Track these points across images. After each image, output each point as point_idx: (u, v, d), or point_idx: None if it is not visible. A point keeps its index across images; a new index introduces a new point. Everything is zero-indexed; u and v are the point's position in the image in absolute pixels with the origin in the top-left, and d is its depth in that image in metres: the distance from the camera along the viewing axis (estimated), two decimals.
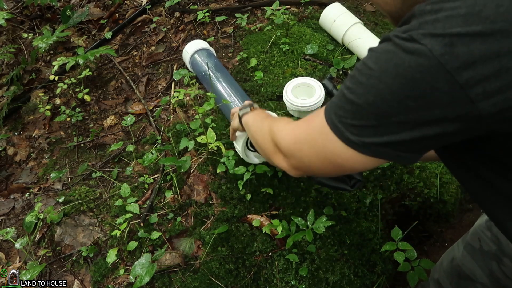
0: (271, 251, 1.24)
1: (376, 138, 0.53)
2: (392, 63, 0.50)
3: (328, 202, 1.31)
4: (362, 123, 0.54)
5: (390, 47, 0.51)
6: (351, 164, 0.59)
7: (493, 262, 0.93)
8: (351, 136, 0.55)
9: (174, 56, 1.85)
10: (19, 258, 1.37)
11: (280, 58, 1.66)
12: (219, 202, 1.33)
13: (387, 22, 1.94)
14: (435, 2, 0.50)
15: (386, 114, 0.51)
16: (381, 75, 0.51)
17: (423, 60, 0.47)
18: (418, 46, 0.47)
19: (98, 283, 1.23)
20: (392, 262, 1.28)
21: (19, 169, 1.65)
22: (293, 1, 1.92)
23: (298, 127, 0.69)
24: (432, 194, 1.38)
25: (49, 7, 2.14)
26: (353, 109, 0.54)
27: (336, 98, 0.59)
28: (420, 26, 0.49)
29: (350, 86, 0.55)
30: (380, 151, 0.55)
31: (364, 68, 0.54)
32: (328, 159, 0.61)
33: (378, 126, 0.52)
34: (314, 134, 0.62)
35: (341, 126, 0.56)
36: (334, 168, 0.62)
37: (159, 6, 2.08)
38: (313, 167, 0.66)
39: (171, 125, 1.57)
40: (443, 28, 0.46)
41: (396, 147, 0.54)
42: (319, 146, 0.61)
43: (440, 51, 0.46)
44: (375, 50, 0.54)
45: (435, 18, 0.48)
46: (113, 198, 1.39)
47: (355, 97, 0.54)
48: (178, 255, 1.22)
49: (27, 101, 1.83)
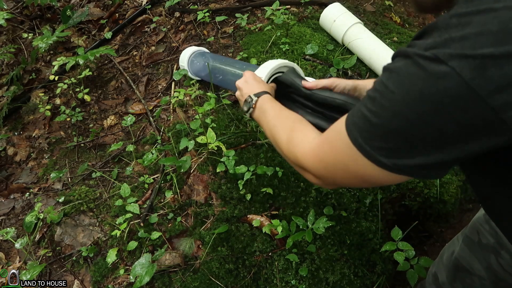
0: (271, 251, 1.24)
1: (409, 160, 0.51)
2: (416, 87, 0.46)
3: (328, 202, 1.31)
4: (392, 146, 0.52)
5: (412, 69, 0.47)
6: (384, 181, 0.58)
7: (491, 255, 0.94)
8: (383, 159, 0.53)
9: (174, 56, 1.85)
10: (19, 258, 1.37)
11: (280, 58, 1.66)
12: (219, 202, 1.33)
13: (387, 22, 1.94)
14: (462, 15, 0.45)
15: (416, 137, 0.49)
16: (405, 100, 0.48)
17: (452, 85, 0.44)
18: (445, 69, 0.44)
19: (98, 283, 1.23)
20: (392, 262, 1.28)
21: (19, 169, 1.65)
22: (293, 1, 1.92)
23: (319, 148, 0.66)
24: (432, 194, 1.38)
25: (49, 7, 2.14)
26: (381, 132, 0.52)
27: (358, 119, 0.56)
28: (446, 44, 0.44)
29: (373, 109, 0.52)
30: (412, 171, 0.53)
31: (385, 90, 0.51)
32: (360, 178, 0.60)
33: (409, 148, 0.50)
34: (342, 158, 0.60)
35: (370, 149, 0.54)
36: (366, 184, 0.61)
37: (159, 6, 2.08)
38: (344, 184, 0.66)
39: (171, 125, 1.57)
40: (472, 47, 0.42)
41: (428, 167, 0.52)
42: (350, 169, 0.59)
43: (471, 75, 0.42)
44: (394, 70, 0.50)
45: (463, 35, 0.43)
46: (113, 198, 1.39)
47: (380, 120, 0.51)
48: (178, 255, 1.22)
49: (27, 101, 1.83)
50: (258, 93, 0.98)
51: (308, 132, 0.75)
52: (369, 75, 1.60)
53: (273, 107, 0.92)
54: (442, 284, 1.13)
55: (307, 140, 0.71)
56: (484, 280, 0.99)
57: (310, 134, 0.73)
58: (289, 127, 0.81)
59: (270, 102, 0.94)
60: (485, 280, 0.99)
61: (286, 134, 0.79)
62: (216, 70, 1.46)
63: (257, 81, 1.04)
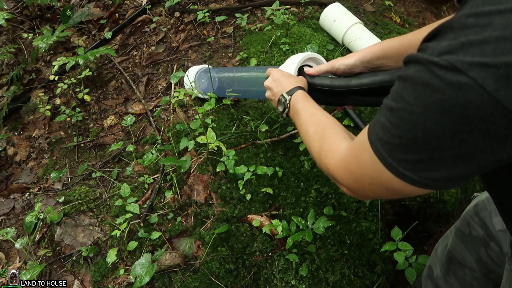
0: (271, 251, 1.24)
1: (434, 173, 0.49)
2: (434, 98, 0.43)
3: (328, 202, 1.31)
4: (415, 158, 0.49)
5: (427, 78, 0.43)
6: (412, 193, 0.55)
7: (481, 248, 0.94)
8: (407, 172, 0.50)
9: (174, 56, 1.85)
10: (19, 258, 1.37)
11: (280, 58, 1.66)
12: (219, 202, 1.33)
13: (387, 22, 1.94)
14: (481, 14, 0.41)
15: (439, 149, 0.46)
16: (424, 112, 0.45)
17: (474, 96, 0.40)
18: (465, 79, 0.40)
19: (98, 283, 1.24)
20: (392, 262, 1.28)
21: (19, 169, 1.65)
22: (293, 1, 1.92)
23: (347, 161, 0.64)
24: (432, 194, 1.38)
25: (49, 7, 2.14)
26: (402, 143, 0.49)
27: (379, 130, 0.53)
28: (463, 49, 0.40)
29: (393, 120, 0.50)
30: (437, 185, 0.51)
31: (402, 101, 0.48)
32: (390, 191, 0.57)
33: (432, 160, 0.48)
34: (368, 171, 0.57)
35: (393, 161, 0.51)
36: (397, 195, 0.59)
37: (159, 6, 2.08)
38: (377, 196, 0.64)
39: (171, 125, 1.57)
40: (494, 54, 0.39)
41: (453, 180, 0.50)
42: (378, 182, 0.57)
43: (495, 86, 0.39)
44: (408, 79, 0.47)
45: (483, 38, 0.39)
46: (113, 198, 1.39)
47: (400, 132, 0.48)
48: (178, 255, 1.22)
49: (27, 101, 1.83)
50: (290, 90, 0.93)
51: (337, 141, 0.72)
52: None
53: (305, 108, 0.88)
54: (436, 277, 1.13)
55: (337, 151, 0.68)
56: (475, 272, 1.00)
57: (339, 144, 0.70)
58: (320, 135, 0.77)
59: (302, 102, 0.90)
60: (476, 272, 1.00)
61: (317, 143, 0.76)
62: (232, 81, 1.40)
63: (286, 77, 0.99)
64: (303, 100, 0.90)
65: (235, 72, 1.42)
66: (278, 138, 1.40)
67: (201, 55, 1.81)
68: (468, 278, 1.03)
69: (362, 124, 1.41)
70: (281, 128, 1.43)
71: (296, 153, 1.38)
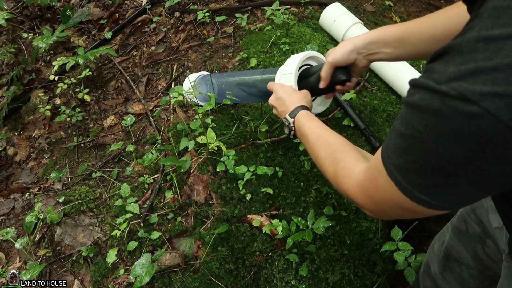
0: (271, 251, 1.24)
1: (450, 197, 0.48)
2: (445, 128, 0.42)
3: (328, 202, 1.31)
4: (429, 183, 0.48)
5: (435, 107, 0.42)
6: (431, 214, 0.55)
7: (478, 245, 0.95)
8: (423, 196, 0.50)
9: (174, 56, 1.85)
10: (19, 258, 1.37)
11: (280, 58, 1.66)
12: (219, 202, 1.33)
13: (387, 22, 1.94)
14: (491, 39, 0.39)
15: (454, 175, 0.45)
16: (436, 140, 0.44)
17: (487, 125, 0.39)
18: (477, 109, 0.39)
19: (98, 283, 1.24)
20: (392, 262, 1.28)
21: (19, 169, 1.65)
22: (293, 1, 1.92)
23: (364, 185, 0.64)
24: None
25: (49, 7, 2.14)
26: (416, 168, 0.48)
27: (391, 153, 0.52)
28: (473, 77, 0.39)
29: (403, 146, 0.49)
30: (454, 206, 0.51)
31: (411, 129, 0.47)
32: (411, 212, 0.57)
33: (447, 185, 0.47)
34: (386, 195, 0.57)
35: (408, 185, 0.50)
36: (418, 215, 0.59)
37: (159, 6, 2.08)
38: (399, 217, 0.63)
39: (171, 125, 1.57)
40: (507, 83, 0.37)
41: (471, 201, 0.50)
42: (397, 204, 0.56)
43: (509, 116, 0.37)
44: (416, 107, 0.46)
45: (494, 65, 0.38)
46: (113, 198, 1.39)
47: (413, 157, 0.48)
48: (178, 255, 1.22)
49: (27, 101, 1.83)
50: (292, 111, 0.93)
51: (351, 165, 0.71)
52: (369, 76, 1.60)
53: (310, 129, 0.87)
54: (434, 274, 1.13)
55: (353, 176, 0.68)
56: (472, 269, 1.00)
57: (354, 168, 0.69)
58: (332, 159, 0.76)
59: (307, 123, 0.89)
60: (473, 269, 1.00)
61: (331, 167, 0.75)
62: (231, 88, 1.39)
63: (289, 94, 0.99)
64: (308, 121, 0.90)
65: (234, 77, 1.42)
66: (278, 138, 1.40)
67: (201, 55, 1.81)
68: (465, 275, 1.03)
69: (362, 124, 1.41)
70: (281, 128, 1.43)
71: (296, 153, 1.38)
